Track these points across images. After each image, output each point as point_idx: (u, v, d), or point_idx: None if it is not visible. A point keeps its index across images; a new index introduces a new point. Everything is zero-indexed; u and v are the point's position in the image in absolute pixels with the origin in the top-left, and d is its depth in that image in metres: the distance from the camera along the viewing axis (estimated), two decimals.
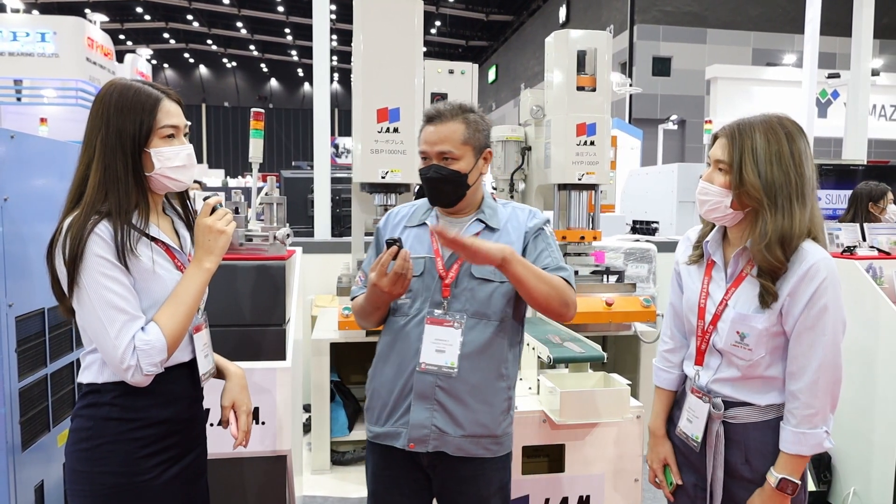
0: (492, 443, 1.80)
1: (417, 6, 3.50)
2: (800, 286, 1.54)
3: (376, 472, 1.87)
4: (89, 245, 1.41)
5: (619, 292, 3.36)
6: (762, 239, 1.55)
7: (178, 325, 1.49)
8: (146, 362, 1.43)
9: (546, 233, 1.86)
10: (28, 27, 10.97)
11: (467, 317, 1.77)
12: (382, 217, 1.97)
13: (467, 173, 1.79)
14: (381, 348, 1.87)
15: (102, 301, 1.41)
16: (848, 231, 3.31)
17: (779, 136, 1.58)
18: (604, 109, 3.47)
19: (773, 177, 1.56)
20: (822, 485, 3.22)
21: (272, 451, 2.33)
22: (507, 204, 1.93)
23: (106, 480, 1.47)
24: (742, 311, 1.61)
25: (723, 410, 1.66)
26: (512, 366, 1.85)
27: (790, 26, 18.10)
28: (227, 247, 1.59)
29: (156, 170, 1.51)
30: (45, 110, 10.03)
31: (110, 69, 11.85)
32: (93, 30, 11.45)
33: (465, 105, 1.82)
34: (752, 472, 1.64)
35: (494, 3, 28.84)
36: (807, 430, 1.56)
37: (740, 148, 1.58)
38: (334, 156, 15.14)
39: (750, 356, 1.61)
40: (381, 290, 1.69)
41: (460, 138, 1.77)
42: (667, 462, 1.83)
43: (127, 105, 1.48)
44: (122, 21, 30.88)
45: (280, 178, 6.93)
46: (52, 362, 2.32)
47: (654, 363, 1.92)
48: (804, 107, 8.91)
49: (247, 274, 2.45)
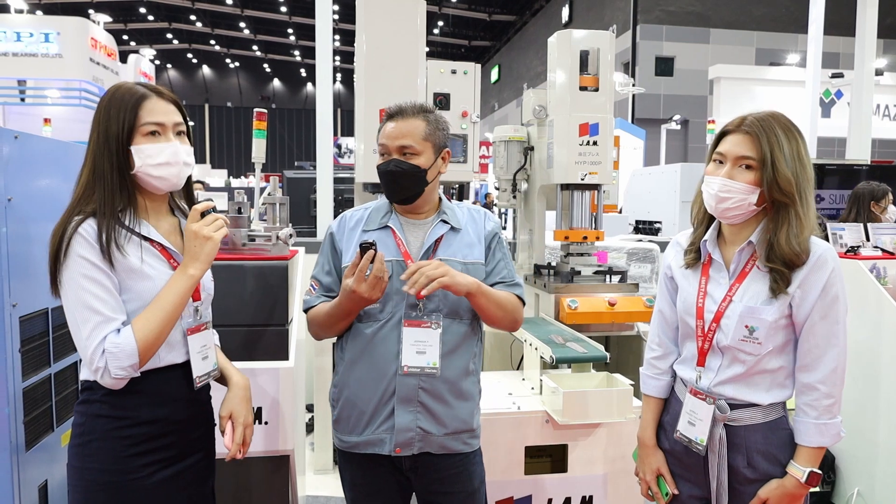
0: (470, 437, 1.85)
1: (420, 6, 3.50)
2: (810, 276, 1.57)
3: (355, 481, 1.86)
4: (73, 245, 1.42)
5: (621, 292, 3.36)
6: (796, 234, 1.57)
7: (152, 331, 1.46)
8: (114, 365, 1.42)
9: (501, 239, 1.94)
10: (32, 28, 11.01)
11: (442, 317, 1.79)
12: (335, 221, 1.93)
13: (427, 169, 1.80)
14: (350, 356, 1.83)
15: (79, 301, 1.42)
16: (852, 231, 3.31)
17: (795, 134, 1.62)
18: (607, 109, 3.46)
19: (798, 171, 1.58)
20: (826, 485, 3.22)
21: (275, 451, 2.33)
22: (461, 204, 1.97)
23: (94, 477, 1.48)
24: (750, 305, 1.61)
25: (728, 412, 1.65)
26: (478, 359, 1.91)
27: (794, 26, 18.06)
28: (215, 253, 1.56)
29: (137, 167, 1.50)
30: (48, 111, 10.06)
31: (114, 69, 11.87)
32: (96, 30, 11.47)
33: (426, 106, 1.87)
34: (755, 473, 1.63)
35: (497, 3, 28.84)
36: (828, 421, 1.59)
37: (769, 143, 1.57)
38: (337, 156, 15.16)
39: (759, 350, 1.61)
40: (359, 296, 1.66)
41: (421, 134, 1.80)
42: (660, 472, 1.81)
43: (113, 104, 1.50)
44: (125, 21, 30.96)
45: (283, 178, 6.93)
46: (55, 362, 2.33)
47: (642, 371, 1.90)
48: (808, 107, 8.90)
49: (249, 274, 2.45)
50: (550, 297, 3.31)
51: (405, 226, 1.86)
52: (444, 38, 32.83)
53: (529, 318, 3.37)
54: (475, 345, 1.88)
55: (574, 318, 3.16)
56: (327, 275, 1.87)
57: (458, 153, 3.69)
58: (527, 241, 3.97)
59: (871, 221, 3.80)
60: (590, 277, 3.54)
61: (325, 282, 1.87)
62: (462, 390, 1.82)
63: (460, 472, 1.84)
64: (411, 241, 1.84)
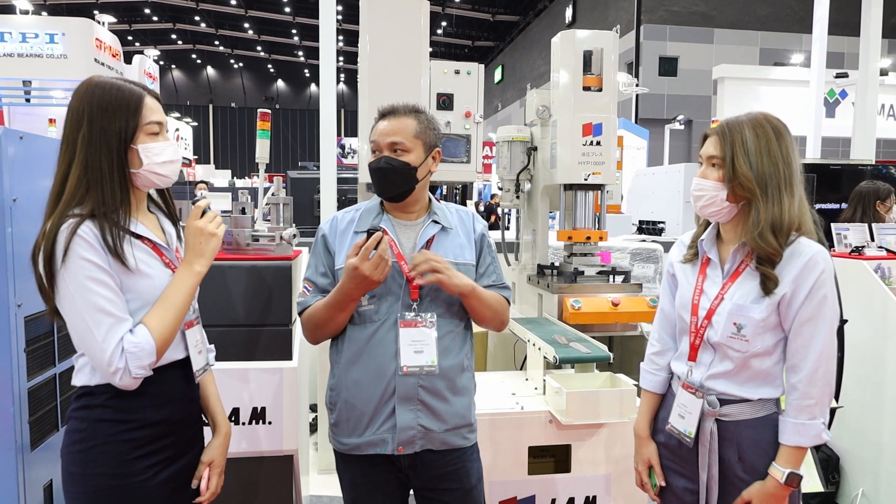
0: (468, 431, 1.88)
1: (423, 7, 3.50)
2: (800, 277, 1.60)
3: (355, 480, 1.88)
4: (73, 248, 1.39)
5: (625, 292, 3.35)
6: (755, 227, 1.62)
7: (168, 327, 1.48)
8: (135, 365, 1.42)
9: (490, 241, 1.99)
10: (37, 28, 11.03)
11: (437, 315, 1.81)
12: (326, 222, 1.94)
13: (417, 166, 1.82)
14: (346, 358, 1.84)
15: (88, 304, 1.40)
16: (856, 231, 3.30)
17: (766, 131, 1.66)
18: (610, 109, 3.45)
19: (764, 168, 1.63)
20: (831, 486, 3.21)
21: (279, 451, 2.33)
22: (448, 205, 1.99)
23: (100, 482, 1.47)
24: (739, 303, 1.66)
25: (718, 407, 1.69)
26: (470, 353, 1.93)
27: (798, 26, 18.00)
28: (218, 249, 1.59)
29: (144, 166, 1.51)
30: (53, 111, 10.06)
31: (118, 70, 11.90)
32: (101, 31, 11.50)
33: (418, 106, 1.90)
34: (745, 469, 1.66)
35: (500, 4, 28.83)
36: (806, 421, 1.60)
37: (731, 142, 1.66)
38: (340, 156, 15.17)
39: (746, 347, 1.65)
40: (361, 274, 1.66)
41: (412, 132, 1.83)
42: (651, 464, 1.87)
43: (112, 102, 1.48)
44: (129, 22, 31.06)
45: (286, 178, 6.94)
46: (60, 362, 2.34)
47: (642, 366, 1.95)
48: (812, 107, 8.86)
49: (253, 274, 2.46)
50: (554, 297, 3.30)
51: (397, 227, 1.88)
52: (448, 39, 32.83)
53: (533, 318, 3.37)
54: (467, 341, 1.92)
55: (577, 319, 3.16)
56: (322, 276, 1.87)
57: (462, 153, 3.69)
58: (530, 241, 3.97)
59: (875, 221, 3.78)
60: (593, 278, 3.54)
61: (319, 283, 1.87)
62: (458, 386, 1.85)
63: (457, 468, 1.85)
64: (403, 242, 1.86)
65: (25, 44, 10.89)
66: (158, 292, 1.51)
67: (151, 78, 12.99)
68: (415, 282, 1.77)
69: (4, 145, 2.04)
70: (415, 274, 1.74)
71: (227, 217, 2.50)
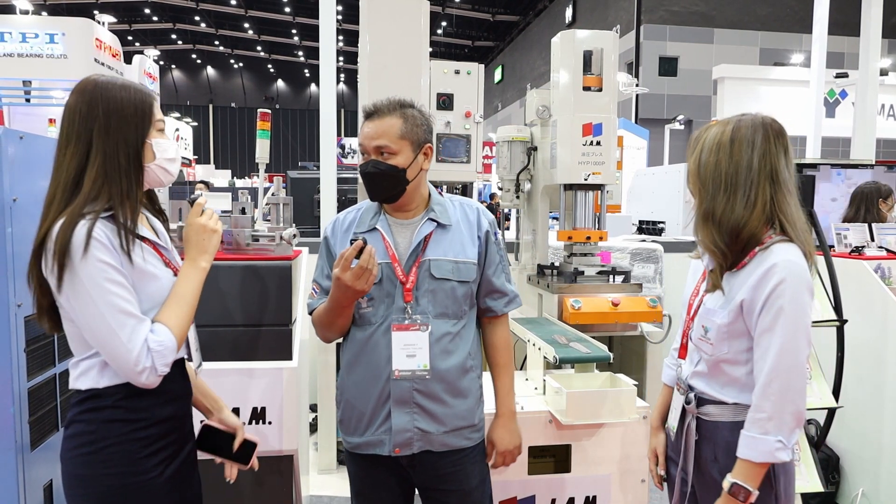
0: (472, 431, 1.86)
1: (424, 7, 3.50)
2: (758, 285, 1.54)
3: (359, 473, 1.89)
4: (90, 250, 1.38)
5: (625, 292, 3.35)
6: (695, 228, 1.64)
7: (184, 324, 1.52)
8: (160, 363, 1.44)
9: (498, 238, 1.94)
10: (37, 28, 11.02)
11: (431, 318, 1.78)
12: (328, 225, 1.94)
13: (405, 168, 1.78)
14: (347, 359, 1.85)
15: (110, 306, 1.40)
16: (856, 231, 3.30)
17: (727, 129, 1.62)
18: (610, 109, 3.45)
19: (705, 163, 1.63)
20: (831, 486, 3.21)
21: (279, 451, 2.33)
22: (454, 199, 1.94)
23: (111, 482, 1.47)
24: (708, 306, 1.68)
25: (695, 405, 1.71)
26: (475, 354, 1.89)
27: (798, 26, 17.99)
28: (219, 245, 1.64)
29: (156, 160, 1.54)
30: (53, 111, 10.05)
31: (118, 70, 11.89)
32: (101, 31, 11.49)
33: (404, 101, 1.83)
34: (720, 471, 1.65)
35: (500, 4, 28.82)
36: (756, 435, 1.52)
37: (694, 141, 1.68)
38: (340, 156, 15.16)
39: (712, 350, 1.65)
40: (344, 283, 1.65)
41: (397, 133, 1.77)
42: (657, 453, 1.94)
43: (127, 97, 1.49)
44: (129, 22, 31.05)
45: (286, 178, 6.94)
46: (60, 362, 2.34)
47: (665, 360, 2.01)
48: (812, 106, 8.85)
49: (253, 274, 2.46)
50: (554, 297, 3.30)
51: (393, 227, 1.86)
52: (448, 39, 32.82)
53: (533, 318, 3.37)
54: (470, 342, 1.87)
55: (577, 319, 3.16)
56: (327, 278, 1.87)
57: (462, 153, 3.69)
58: (530, 241, 3.97)
59: (878, 220, 3.77)
60: (593, 278, 3.54)
61: (325, 285, 1.87)
62: (460, 388, 1.82)
63: (458, 470, 1.84)
64: (399, 243, 1.84)
65: (25, 44, 10.88)
66: (166, 293, 1.52)
67: (151, 78, 12.98)
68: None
69: (4, 145, 2.04)
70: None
71: (227, 217, 2.50)
